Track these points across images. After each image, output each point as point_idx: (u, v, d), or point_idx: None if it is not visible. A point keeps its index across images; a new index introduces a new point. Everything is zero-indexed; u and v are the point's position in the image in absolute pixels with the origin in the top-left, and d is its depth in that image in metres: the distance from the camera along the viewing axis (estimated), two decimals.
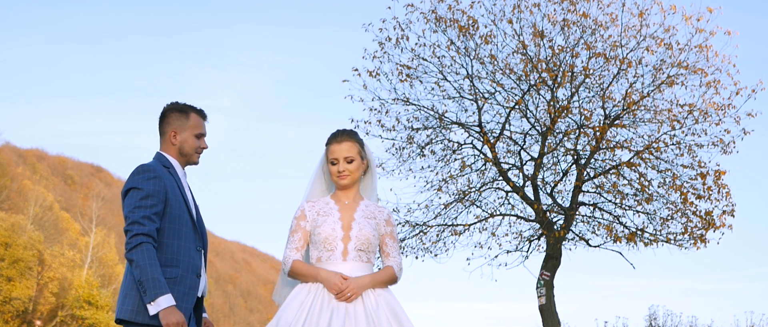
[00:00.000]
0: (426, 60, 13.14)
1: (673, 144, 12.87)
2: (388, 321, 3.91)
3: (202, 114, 4.18)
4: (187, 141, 4.12)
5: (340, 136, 4.14)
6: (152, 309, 3.74)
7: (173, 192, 3.97)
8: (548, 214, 13.26)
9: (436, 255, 13.72)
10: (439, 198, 13.62)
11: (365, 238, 4.05)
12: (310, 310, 3.91)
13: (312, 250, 4.10)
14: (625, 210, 13.20)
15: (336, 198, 4.16)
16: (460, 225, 13.59)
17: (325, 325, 3.84)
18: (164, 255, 3.90)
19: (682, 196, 12.72)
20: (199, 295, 4.07)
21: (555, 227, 13.19)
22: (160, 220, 3.89)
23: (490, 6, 13.00)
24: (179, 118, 4.12)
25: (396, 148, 13.58)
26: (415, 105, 13.30)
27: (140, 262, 3.75)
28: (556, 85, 12.80)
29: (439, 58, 13.12)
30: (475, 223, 13.68)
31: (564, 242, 13.16)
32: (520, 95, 12.99)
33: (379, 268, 4.14)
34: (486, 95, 13.18)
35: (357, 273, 4.00)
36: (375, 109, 13.40)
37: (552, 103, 12.82)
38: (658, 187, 13.02)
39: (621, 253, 13.25)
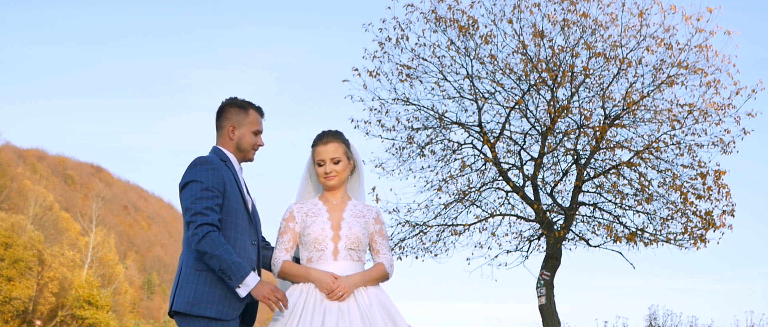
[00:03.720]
0: (426, 60, 13.14)
1: (673, 144, 12.86)
2: (382, 318, 3.92)
3: (260, 111, 4.17)
4: (245, 137, 4.09)
5: (325, 137, 4.13)
6: (242, 291, 3.78)
7: (231, 184, 3.96)
8: (548, 214, 13.25)
9: (436, 255, 13.72)
10: (439, 198, 13.62)
11: (355, 236, 4.05)
12: (303, 311, 3.92)
13: (302, 251, 4.10)
14: (625, 210, 13.20)
15: (324, 199, 4.17)
16: (460, 225, 13.58)
17: (318, 325, 3.85)
18: None
19: (682, 196, 12.71)
20: None
21: (555, 227, 13.18)
22: (220, 211, 3.88)
23: (490, 6, 13.01)
24: (238, 114, 4.10)
25: (396, 148, 13.59)
26: (415, 105, 13.31)
27: (215, 252, 3.75)
28: (556, 85, 12.80)
29: (439, 58, 13.13)
30: (475, 223, 13.68)
31: (564, 242, 13.16)
32: (520, 95, 12.98)
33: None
34: (486, 95, 13.18)
35: (348, 272, 4.01)
36: (375, 109, 13.40)
37: (552, 103, 12.82)
38: (658, 187, 13.02)
39: (621, 253, 13.26)
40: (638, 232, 13.03)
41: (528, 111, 13.21)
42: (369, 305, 3.94)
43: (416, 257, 13.68)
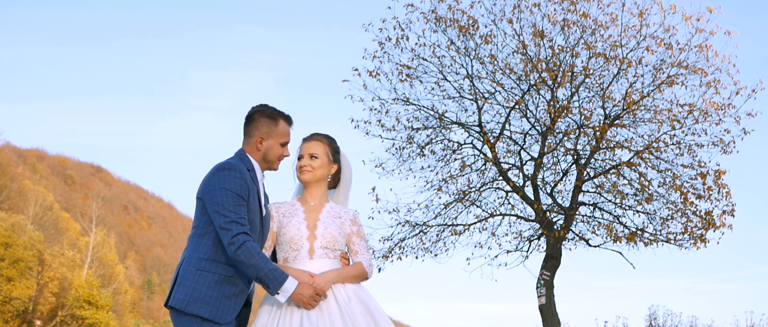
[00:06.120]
0: (426, 60, 13.14)
1: (673, 144, 12.86)
2: (362, 313, 3.95)
3: (289, 121, 4.16)
4: (272, 148, 4.10)
5: (313, 136, 4.21)
6: (282, 297, 3.85)
7: (253, 196, 3.98)
8: (548, 214, 13.25)
9: (436, 255, 13.71)
10: (439, 198, 13.61)
11: (331, 235, 4.08)
12: (282, 310, 3.95)
13: (278, 251, 4.13)
14: (625, 210, 13.20)
15: (302, 200, 4.20)
16: (460, 225, 13.57)
17: (297, 323, 3.89)
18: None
19: (682, 196, 12.71)
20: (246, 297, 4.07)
21: (555, 227, 13.18)
22: None
23: (490, 6, 13.01)
24: (268, 125, 4.09)
25: (396, 148, 13.58)
26: (415, 105, 13.30)
27: (251, 261, 3.79)
28: (556, 85, 12.79)
29: (439, 58, 13.12)
30: (475, 223, 13.67)
31: (564, 242, 13.15)
32: (520, 95, 12.98)
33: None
34: (486, 95, 13.18)
35: (324, 269, 4.04)
36: (375, 109, 13.40)
37: (552, 103, 12.81)
38: (658, 187, 13.02)
39: (621, 253, 13.25)
40: (638, 232, 13.02)
41: (528, 111, 13.20)
42: (348, 301, 3.97)
43: (416, 257, 13.68)
